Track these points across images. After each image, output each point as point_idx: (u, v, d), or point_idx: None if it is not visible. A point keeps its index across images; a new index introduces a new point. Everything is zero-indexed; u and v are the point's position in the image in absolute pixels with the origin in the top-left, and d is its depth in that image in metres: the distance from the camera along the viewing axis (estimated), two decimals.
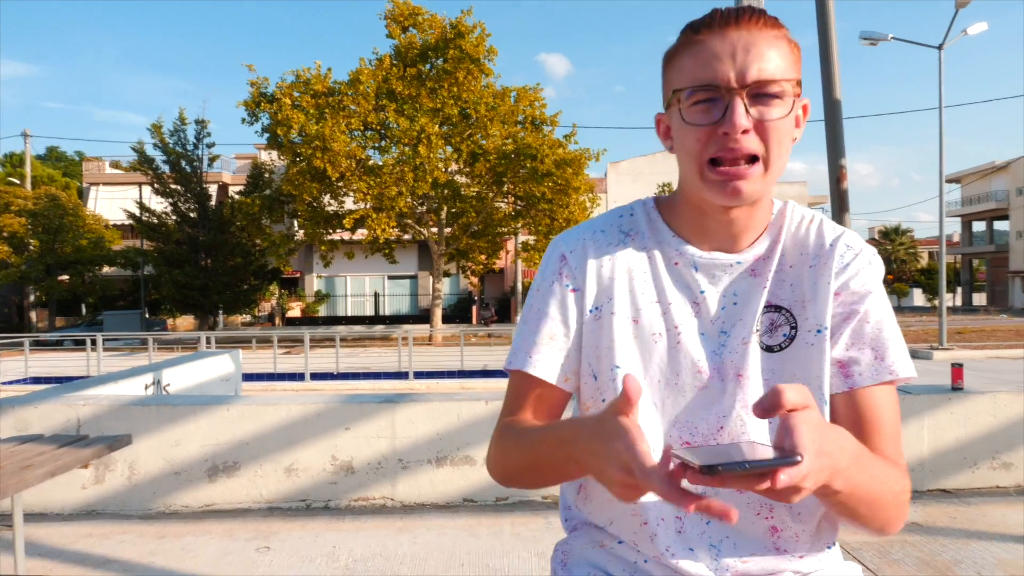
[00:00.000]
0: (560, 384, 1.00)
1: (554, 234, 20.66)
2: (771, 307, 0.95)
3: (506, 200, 24.04)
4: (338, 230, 23.76)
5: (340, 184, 22.06)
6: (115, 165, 38.46)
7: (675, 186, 1.03)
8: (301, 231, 24.55)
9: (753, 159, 0.86)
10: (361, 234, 23.98)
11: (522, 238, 27.11)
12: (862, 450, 0.79)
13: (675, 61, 0.90)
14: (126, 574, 3.37)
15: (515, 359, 0.99)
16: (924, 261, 55.51)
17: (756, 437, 0.93)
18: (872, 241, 58.71)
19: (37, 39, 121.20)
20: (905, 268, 54.73)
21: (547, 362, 0.98)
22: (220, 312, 30.08)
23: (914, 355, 16.32)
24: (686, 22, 0.91)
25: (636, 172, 39.76)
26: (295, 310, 35.94)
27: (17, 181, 35.20)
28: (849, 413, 0.92)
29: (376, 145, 22.83)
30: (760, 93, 0.84)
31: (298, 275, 36.37)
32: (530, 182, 21.14)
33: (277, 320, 35.25)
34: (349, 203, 23.99)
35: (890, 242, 55.80)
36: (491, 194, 23.10)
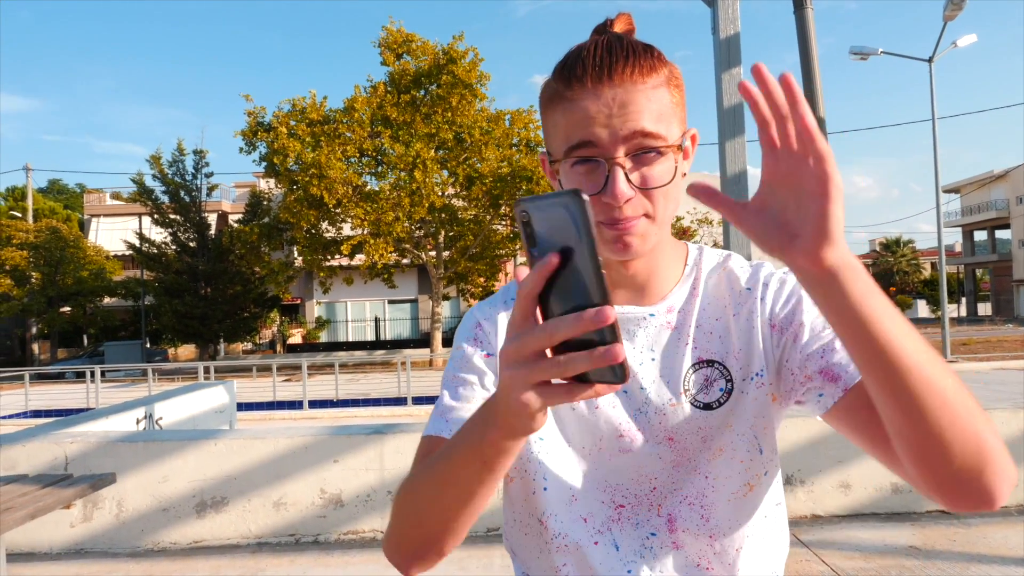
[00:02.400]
0: None
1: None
2: (702, 363, 0.90)
3: (503, 222, 24.10)
4: (336, 256, 23.81)
5: (337, 211, 22.13)
6: (116, 196, 38.67)
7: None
8: (300, 258, 24.60)
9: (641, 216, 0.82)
10: (360, 259, 24.03)
11: (520, 259, 27.14)
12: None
13: (550, 114, 0.84)
14: None
15: (431, 426, 0.91)
16: (927, 272, 55.46)
17: (691, 497, 0.89)
18: (873, 253, 58.69)
19: (37, 73, 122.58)
20: (908, 280, 54.69)
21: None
22: (221, 340, 30.08)
23: None
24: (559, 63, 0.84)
25: None
26: (296, 337, 35.91)
27: (19, 215, 35.40)
28: (865, 405, 0.79)
29: (372, 171, 22.95)
30: (641, 152, 0.79)
31: (299, 302, 36.38)
32: None
33: (278, 347, 35.22)
34: (347, 229, 24.05)
35: (891, 254, 55.81)
36: (488, 217, 23.16)
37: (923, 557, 3.64)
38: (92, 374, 15.18)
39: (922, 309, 54.00)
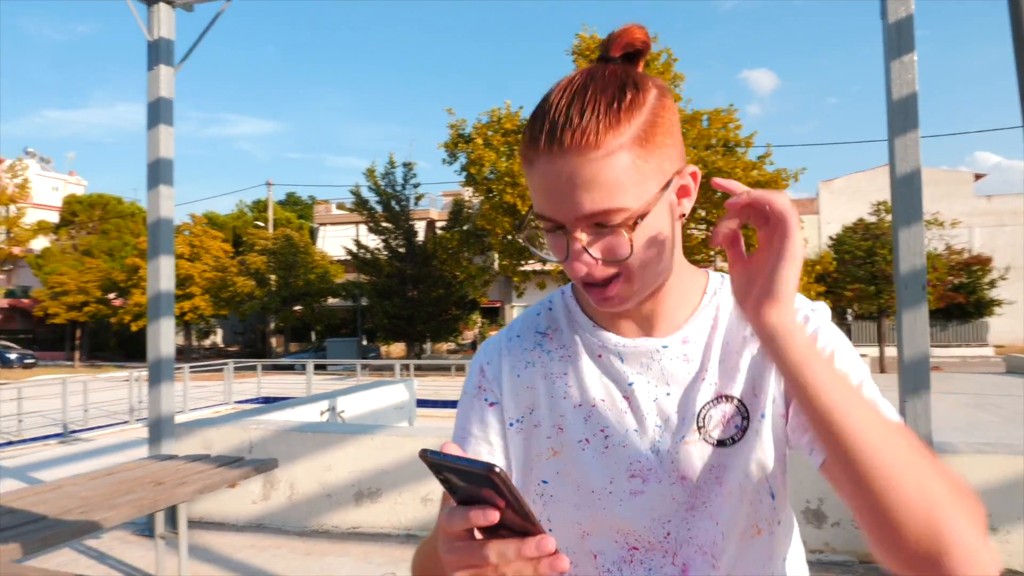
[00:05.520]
0: None
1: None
2: (721, 398, 0.86)
3: (699, 227, 23.38)
4: (530, 261, 24.47)
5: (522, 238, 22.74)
6: (340, 206, 42.72)
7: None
8: (497, 263, 25.61)
9: (615, 275, 0.78)
10: (552, 265, 24.51)
11: (720, 264, 26.16)
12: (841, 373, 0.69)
13: (522, 164, 0.80)
14: None
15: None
16: None
17: (705, 546, 0.85)
18: None
19: (280, 99, 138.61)
20: None
21: None
22: (427, 340, 32.10)
23: None
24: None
25: (852, 190, 36.62)
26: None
27: (262, 224, 40.34)
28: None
29: None
30: (600, 223, 0.75)
31: (498, 304, 37.86)
32: (722, 207, 20.38)
33: (479, 348, 36.88)
34: None
35: None
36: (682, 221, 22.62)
37: None
38: (305, 367, 16.90)
39: None
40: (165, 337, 4.56)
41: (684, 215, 0.82)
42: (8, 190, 33.68)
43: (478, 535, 0.60)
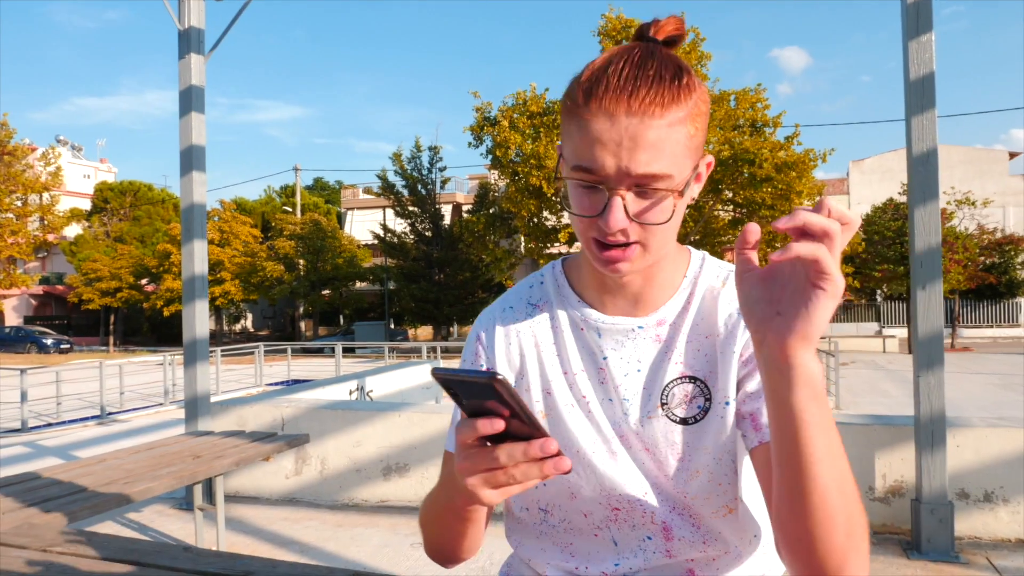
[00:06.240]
0: None
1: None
2: (684, 378, 0.91)
3: (726, 208, 23.20)
4: (556, 244, 24.51)
5: (556, 199, 22.76)
6: (367, 191, 43.03)
7: None
8: (523, 246, 25.68)
9: (635, 242, 0.84)
10: (577, 247, 24.49)
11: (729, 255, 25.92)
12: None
13: (566, 121, 0.83)
14: (301, 555, 3.87)
15: (449, 441, 1.00)
16: None
17: (680, 509, 0.93)
18: None
19: (309, 84, 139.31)
20: None
21: None
22: (454, 323, 32.36)
23: None
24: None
25: (884, 169, 35.93)
26: None
27: (289, 209, 40.80)
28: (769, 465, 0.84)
29: None
30: (644, 187, 0.79)
31: None
32: (749, 188, 20.21)
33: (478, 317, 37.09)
34: (566, 218, 24.63)
35: None
36: (710, 203, 22.45)
37: None
38: (334, 350, 17.17)
39: None
40: (200, 318, 4.73)
41: (694, 199, 0.88)
42: (41, 178, 34.35)
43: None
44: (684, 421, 0.91)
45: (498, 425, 0.64)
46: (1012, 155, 36.90)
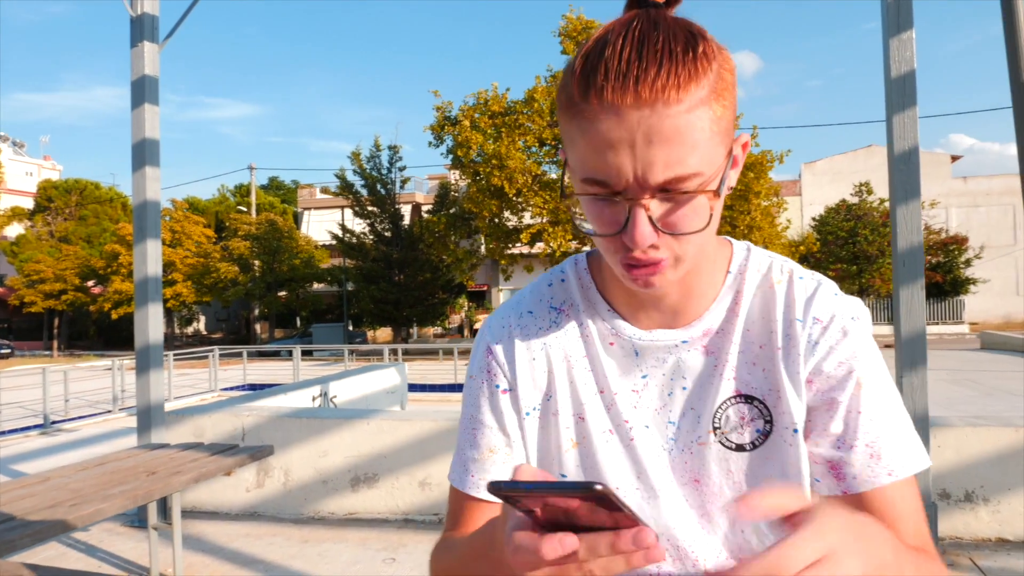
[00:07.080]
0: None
1: (742, 239, 19.86)
2: (740, 396, 0.78)
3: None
4: (517, 244, 24.41)
5: (518, 200, 22.66)
6: (324, 191, 42.37)
7: (874, 185, 0.80)
8: (484, 246, 25.54)
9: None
10: (539, 248, 24.45)
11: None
12: (897, 543, 0.61)
13: (565, 123, 0.68)
14: (266, 574, 3.65)
15: (454, 473, 0.86)
16: None
17: (720, 558, 0.79)
18: None
19: (262, 82, 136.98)
20: None
21: (488, 479, 0.81)
22: (414, 324, 32.01)
23: None
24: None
25: (834, 172, 36.95)
26: (482, 322, 37.42)
27: (244, 209, 39.91)
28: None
29: (552, 160, 23.20)
30: (670, 191, 0.64)
31: (485, 288, 37.81)
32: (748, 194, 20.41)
33: (466, 332, 36.87)
34: (527, 218, 24.56)
35: None
36: None
37: None
38: (291, 353, 16.79)
39: None
40: (153, 322, 4.46)
41: (731, 188, 0.72)
42: None
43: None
44: (741, 448, 0.77)
45: (570, 544, 0.50)
46: (954, 158, 38.17)
